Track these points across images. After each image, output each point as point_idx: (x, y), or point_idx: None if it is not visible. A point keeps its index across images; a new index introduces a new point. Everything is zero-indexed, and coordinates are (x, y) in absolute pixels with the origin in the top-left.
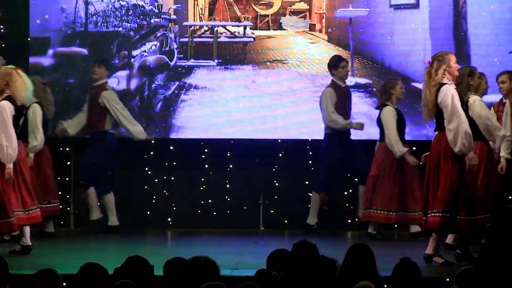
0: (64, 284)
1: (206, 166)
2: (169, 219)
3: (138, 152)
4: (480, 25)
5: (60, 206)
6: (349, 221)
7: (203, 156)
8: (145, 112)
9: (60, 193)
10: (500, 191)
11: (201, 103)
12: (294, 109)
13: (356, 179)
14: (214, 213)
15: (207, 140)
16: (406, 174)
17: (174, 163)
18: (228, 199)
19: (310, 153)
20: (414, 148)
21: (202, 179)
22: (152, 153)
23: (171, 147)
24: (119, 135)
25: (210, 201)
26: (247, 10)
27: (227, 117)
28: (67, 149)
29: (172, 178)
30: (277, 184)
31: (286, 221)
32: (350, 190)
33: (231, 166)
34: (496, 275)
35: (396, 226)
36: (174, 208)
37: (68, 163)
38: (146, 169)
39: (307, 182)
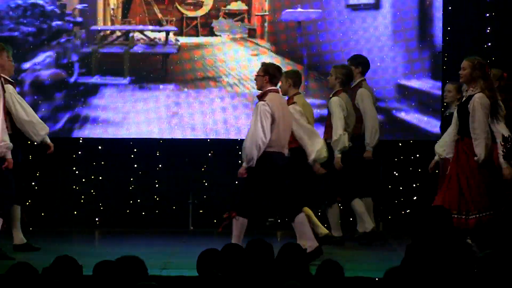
0: None
1: (135, 165)
2: (96, 219)
3: (65, 152)
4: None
5: None
6: (279, 220)
7: (132, 156)
8: None
9: None
10: None
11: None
12: (224, 121)
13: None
14: (143, 213)
15: (135, 140)
16: None
17: (102, 162)
18: (157, 199)
19: (240, 152)
20: None
21: (131, 179)
22: (80, 152)
23: (100, 147)
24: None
25: (139, 201)
26: (170, 11)
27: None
28: None
29: (100, 178)
30: (206, 184)
31: (215, 221)
32: None
33: (160, 166)
34: (423, 273)
35: None
36: (102, 208)
37: None
38: (74, 168)
39: (236, 182)
